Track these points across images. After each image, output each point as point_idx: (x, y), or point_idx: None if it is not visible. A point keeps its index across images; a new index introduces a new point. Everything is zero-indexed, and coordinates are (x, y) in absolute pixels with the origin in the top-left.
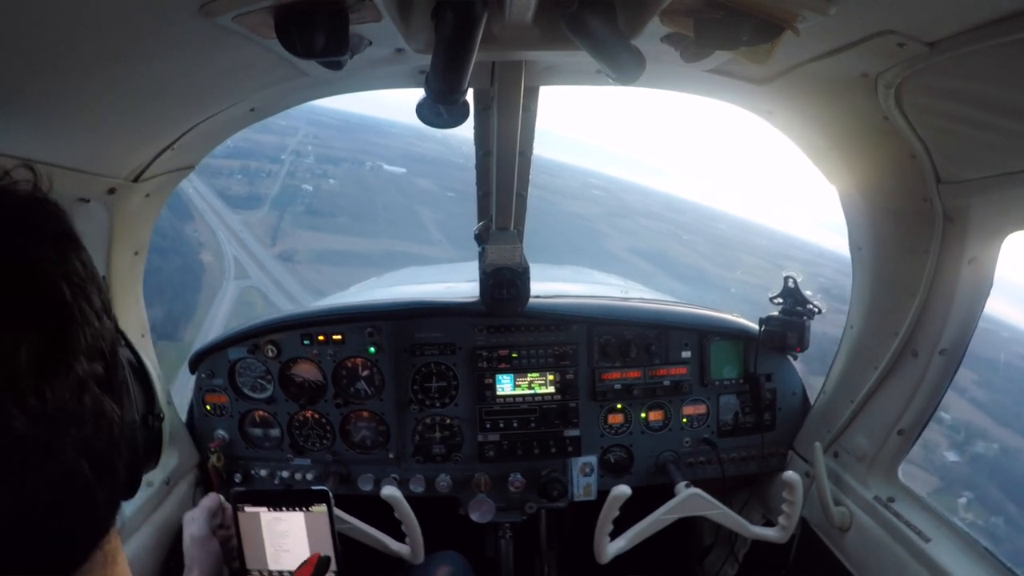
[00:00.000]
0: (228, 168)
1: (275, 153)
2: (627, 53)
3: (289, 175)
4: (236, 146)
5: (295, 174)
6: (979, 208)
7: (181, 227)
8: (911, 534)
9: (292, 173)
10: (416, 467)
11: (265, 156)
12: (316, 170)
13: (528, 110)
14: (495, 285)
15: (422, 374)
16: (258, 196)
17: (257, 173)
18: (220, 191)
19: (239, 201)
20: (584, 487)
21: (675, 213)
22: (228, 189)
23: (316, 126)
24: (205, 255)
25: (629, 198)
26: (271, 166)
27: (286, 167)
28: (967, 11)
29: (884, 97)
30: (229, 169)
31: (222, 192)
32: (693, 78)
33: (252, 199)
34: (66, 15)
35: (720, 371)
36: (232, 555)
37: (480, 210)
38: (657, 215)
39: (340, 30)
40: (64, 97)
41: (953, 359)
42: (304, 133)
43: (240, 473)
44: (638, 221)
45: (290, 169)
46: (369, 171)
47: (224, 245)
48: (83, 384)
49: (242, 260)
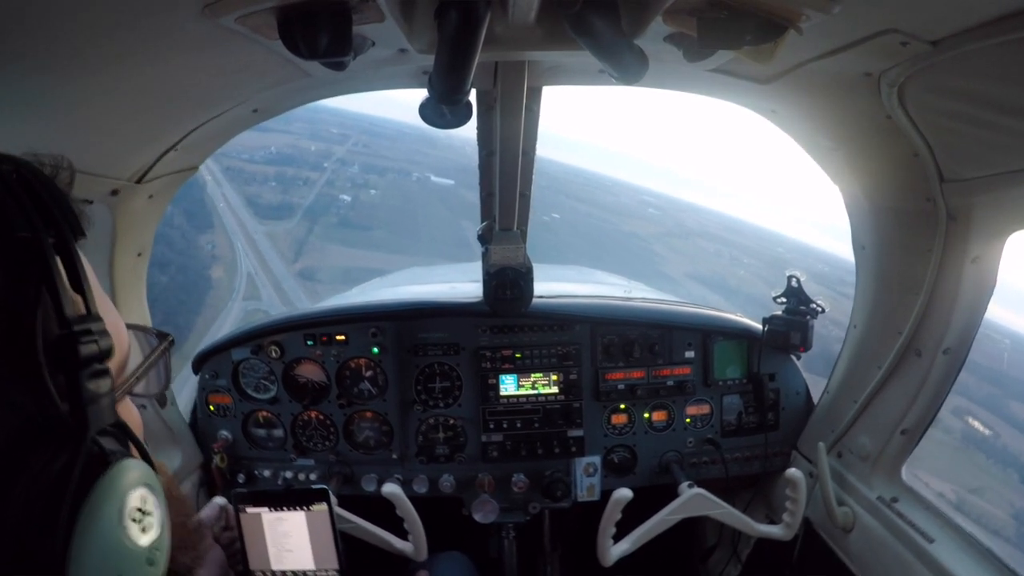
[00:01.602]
0: (263, 174)
1: (318, 160)
2: (630, 53)
3: (328, 184)
4: (279, 152)
5: (335, 183)
6: (982, 207)
7: (196, 238)
8: (915, 534)
9: (332, 182)
10: (420, 467)
11: (306, 163)
12: (358, 179)
13: (531, 110)
14: (498, 285)
15: (425, 374)
16: (290, 206)
17: (293, 181)
18: (250, 198)
19: (268, 210)
20: (588, 487)
21: (732, 234)
22: (259, 197)
23: (368, 135)
24: (216, 270)
25: (685, 217)
26: (311, 173)
27: (326, 175)
28: (970, 10)
29: (887, 96)
30: (264, 175)
31: (252, 200)
32: (696, 78)
33: (283, 208)
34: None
35: (724, 371)
36: (237, 557)
37: (484, 210)
38: (714, 236)
39: (343, 31)
40: (67, 98)
41: (956, 359)
42: (355, 141)
43: (243, 473)
44: (695, 242)
45: (330, 177)
46: (415, 182)
47: (240, 259)
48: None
49: (256, 278)
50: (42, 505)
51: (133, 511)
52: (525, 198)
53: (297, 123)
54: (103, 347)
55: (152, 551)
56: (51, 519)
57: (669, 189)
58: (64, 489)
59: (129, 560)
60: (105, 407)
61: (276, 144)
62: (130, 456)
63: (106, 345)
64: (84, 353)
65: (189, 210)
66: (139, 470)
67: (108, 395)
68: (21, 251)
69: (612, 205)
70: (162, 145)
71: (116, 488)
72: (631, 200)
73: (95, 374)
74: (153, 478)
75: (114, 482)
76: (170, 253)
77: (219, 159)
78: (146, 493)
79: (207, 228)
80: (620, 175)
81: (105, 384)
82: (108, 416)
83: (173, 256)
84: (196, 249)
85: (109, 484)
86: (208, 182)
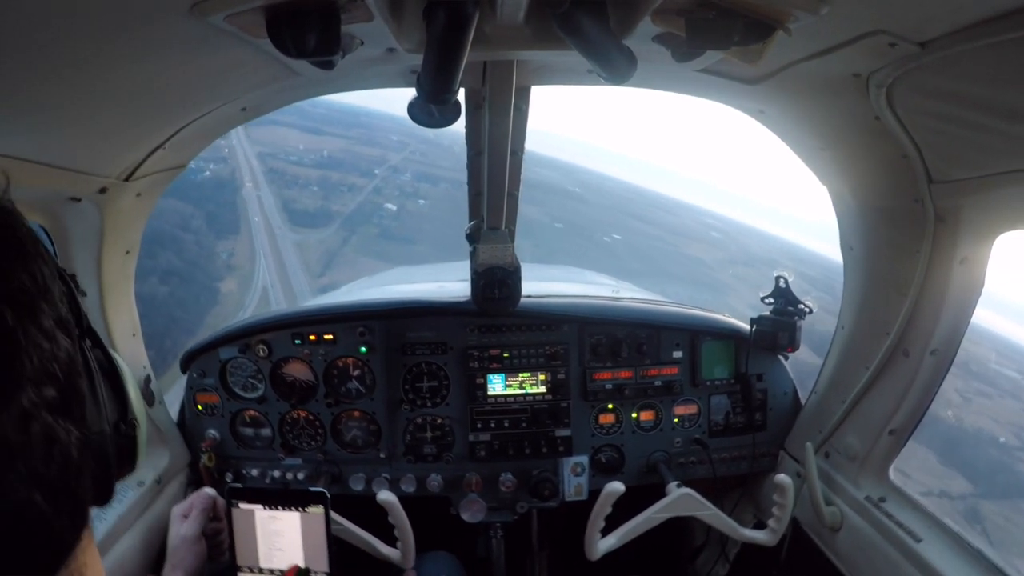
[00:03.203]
0: (306, 178)
1: (370, 167)
2: (618, 53)
3: (375, 191)
4: (331, 155)
5: (382, 190)
6: (970, 208)
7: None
8: (902, 534)
9: (379, 189)
10: (407, 467)
11: (356, 168)
12: (408, 188)
13: (520, 109)
14: (486, 285)
15: (413, 374)
16: (328, 213)
17: (337, 187)
18: (286, 203)
19: (303, 217)
20: (575, 487)
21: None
22: (295, 202)
23: (428, 143)
24: (228, 282)
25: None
26: (358, 179)
27: (375, 182)
28: (958, 11)
29: (876, 97)
30: (306, 179)
31: (288, 204)
32: (684, 78)
33: (320, 216)
34: (56, 14)
35: (711, 371)
36: (220, 549)
37: (471, 210)
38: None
39: (332, 30)
40: (55, 96)
41: (944, 359)
42: (412, 150)
43: (231, 472)
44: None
45: (378, 185)
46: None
47: (259, 270)
48: (29, 415)
49: (272, 293)
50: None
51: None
52: (513, 197)
53: (356, 129)
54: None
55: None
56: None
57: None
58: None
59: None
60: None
61: (330, 148)
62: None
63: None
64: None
65: (215, 213)
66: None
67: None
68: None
69: (674, 226)
70: (150, 143)
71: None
72: (693, 222)
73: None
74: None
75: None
76: (178, 261)
77: (265, 159)
78: None
79: (230, 233)
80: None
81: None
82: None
83: (181, 265)
84: (210, 257)
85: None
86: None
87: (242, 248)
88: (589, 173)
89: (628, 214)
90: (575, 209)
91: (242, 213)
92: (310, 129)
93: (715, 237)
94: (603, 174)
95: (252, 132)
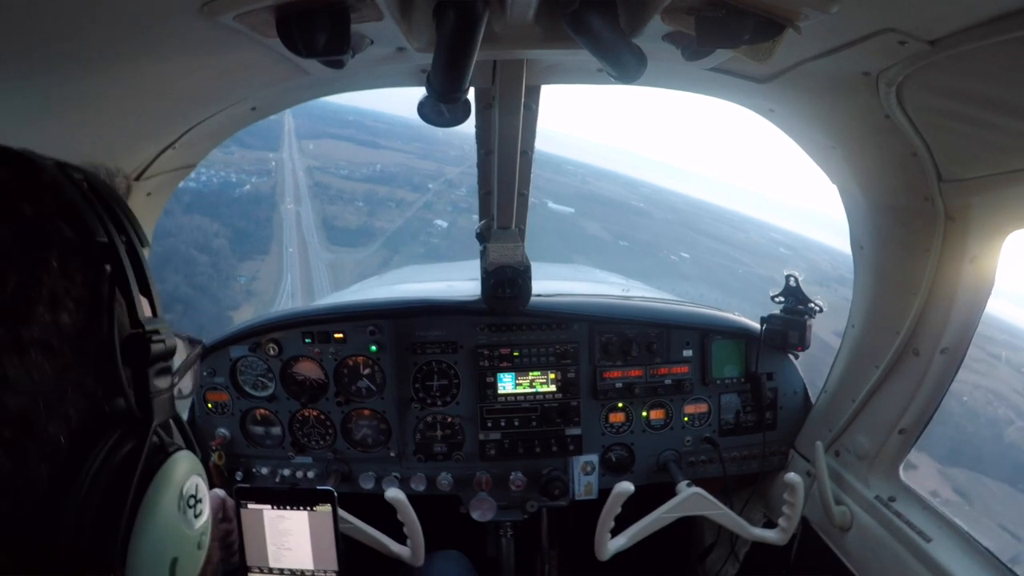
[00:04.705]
0: (352, 192)
1: (423, 181)
2: (628, 52)
3: (426, 206)
4: (384, 169)
5: (433, 206)
6: (980, 207)
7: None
8: (912, 534)
9: (430, 205)
10: (417, 465)
11: (409, 183)
12: (462, 203)
13: (529, 109)
14: (497, 283)
15: (423, 372)
16: (370, 231)
17: (384, 202)
18: (327, 219)
19: (343, 235)
20: (585, 486)
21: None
22: (337, 219)
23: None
24: (243, 311)
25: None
26: (409, 195)
27: (427, 196)
28: (968, 9)
29: (885, 95)
30: (353, 194)
31: (328, 221)
32: (694, 76)
33: (361, 234)
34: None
35: (721, 370)
36: (231, 550)
37: (482, 209)
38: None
39: (341, 29)
40: (65, 96)
41: (954, 358)
42: (471, 163)
43: (241, 471)
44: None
45: (430, 200)
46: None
47: (280, 297)
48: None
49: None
50: (106, 487)
51: (188, 497)
52: (523, 197)
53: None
54: (169, 346)
55: (201, 535)
56: (116, 501)
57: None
58: (129, 474)
59: (183, 543)
60: (166, 402)
61: (385, 161)
62: (183, 447)
63: (172, 345)
64: (153, 351)
65: (245, 231)
66: (192, 460)
67: (169, 391)
68: (101, 255)
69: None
70: (160, 143)
71: (175, 475)
72: (760, 237)
73: (161, 371)
74: (201, 468)
75: (174, 470)
76: (186, 287)
77: (313, 173)
78: (198, 481)
79: (258, 254)
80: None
81: (167, 381)
82: (168, 410)
83: (188, 292)
84: (225, 282)
85: (170, 471)
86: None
87: (268, 270)
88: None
89: (695, 230)
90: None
91: (276, 231)
92: (366, 143)
93: (784, 254)
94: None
95: (305, 146)
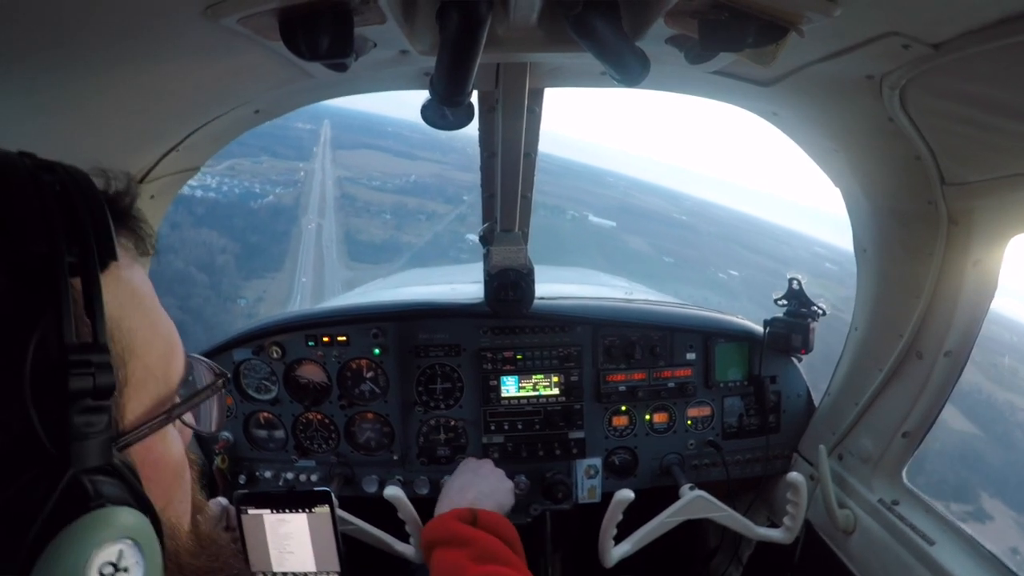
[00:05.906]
0: (380, 204)
1: (459, 192)
2: (632, 55)
3: (458, 219)
4: (418, 180)
5: (466, 218)
6: (983, 210)
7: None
8: (916, 537)
9: (463, 217)
10: (421, 469)
11: (442, 195)
12: None
13: (533, 112)
14: (500, 286)
15: (427, 375)
16: (395, 245)
17: (413, 215)
18: (350, 233)
19: (365, 251)
20: (588, 489)
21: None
22: (361, 232)
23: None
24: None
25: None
26: (441, 207)
27: (460, 208)
28: (972, 12)
29: (889, 99)
30: (381, 206)
31: (351, 235)
32: (697, 80)
33: (385, 249)
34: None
35: (725, 373)
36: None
37: (485, 212)
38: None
39: (345, 32)
40: (70, 98)
41: (958, 361)
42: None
43: (244, 475)
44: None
45: (463, 212)
46: (569, 221)
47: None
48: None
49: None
50: (7, 532)
51: (103, 565)
52: (527, 200)
53: (453, 154)
54: (100, 383)
55: None
56: (11, 551)
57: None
58: (31, 525)
59: None
60: (95, 446)
61: (419, 173)
62: (123, 504)
63: (104, 382)
64: (74, 386)
65: (258, 246)
66: (126, 520)
67: (102, 434)
68: (33, 266)
69: (789, 259)
70: (164, 146)
71: (86, 537)
72: (806, 252)
73: (86, 410)
74: (144, 532)
75: (84, 531)
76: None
77: (342, 184)
78: (126, 548)
79: (269, 271)
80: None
81: (99, 421)
82: (97, 456)
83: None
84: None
85: (78, 532)
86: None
87: (277, 289)
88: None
89: (741, 244)
90: (685, 239)
91: (293, 246)
92: (402, 153)
93: (830, 269)
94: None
95: (340, 156)
